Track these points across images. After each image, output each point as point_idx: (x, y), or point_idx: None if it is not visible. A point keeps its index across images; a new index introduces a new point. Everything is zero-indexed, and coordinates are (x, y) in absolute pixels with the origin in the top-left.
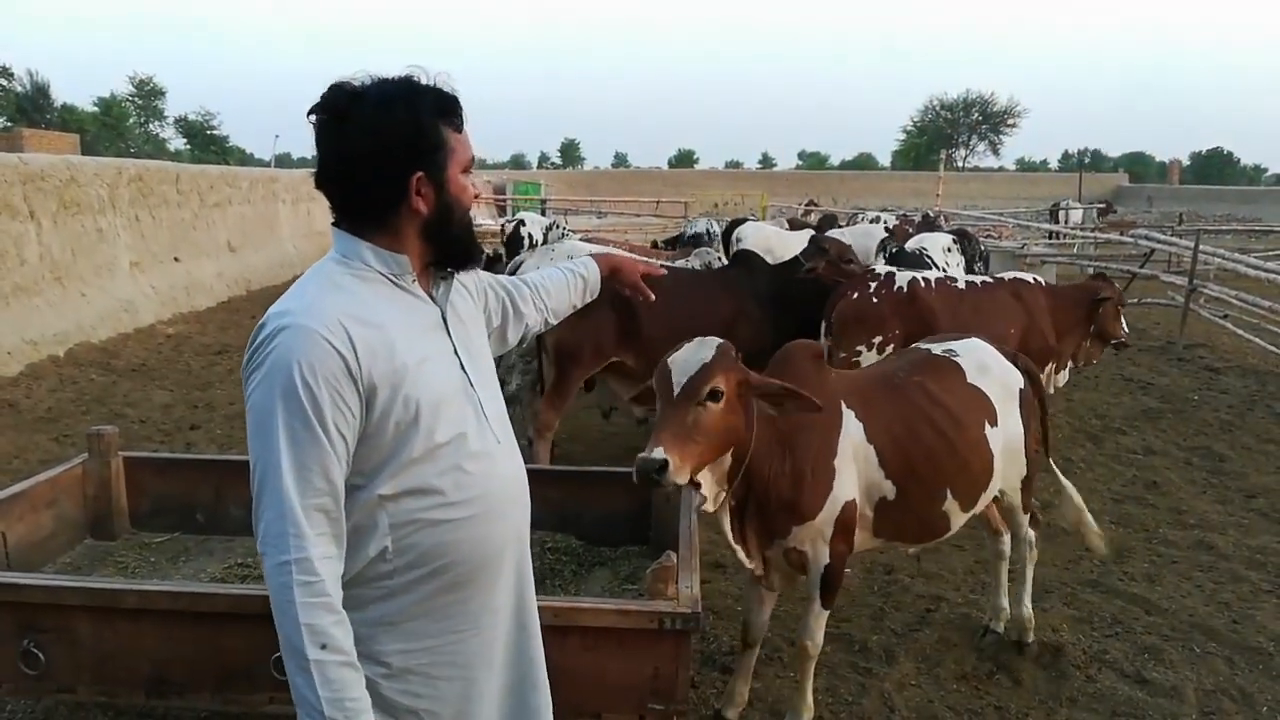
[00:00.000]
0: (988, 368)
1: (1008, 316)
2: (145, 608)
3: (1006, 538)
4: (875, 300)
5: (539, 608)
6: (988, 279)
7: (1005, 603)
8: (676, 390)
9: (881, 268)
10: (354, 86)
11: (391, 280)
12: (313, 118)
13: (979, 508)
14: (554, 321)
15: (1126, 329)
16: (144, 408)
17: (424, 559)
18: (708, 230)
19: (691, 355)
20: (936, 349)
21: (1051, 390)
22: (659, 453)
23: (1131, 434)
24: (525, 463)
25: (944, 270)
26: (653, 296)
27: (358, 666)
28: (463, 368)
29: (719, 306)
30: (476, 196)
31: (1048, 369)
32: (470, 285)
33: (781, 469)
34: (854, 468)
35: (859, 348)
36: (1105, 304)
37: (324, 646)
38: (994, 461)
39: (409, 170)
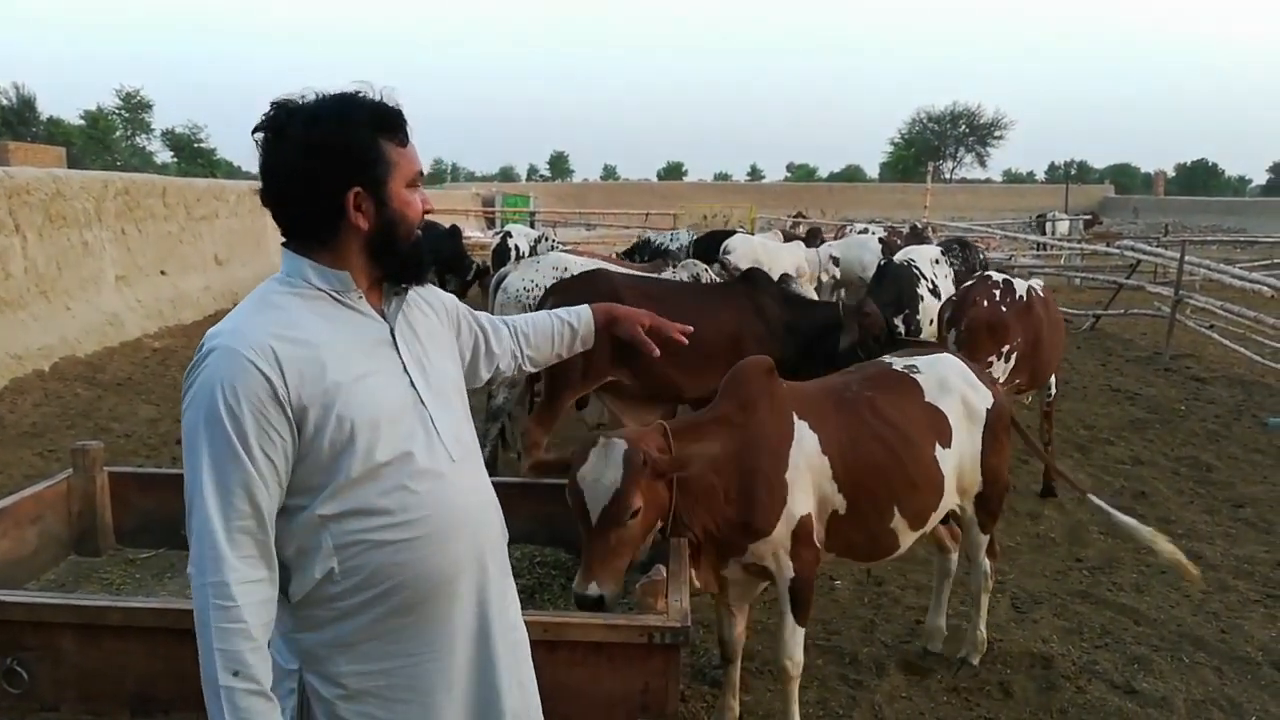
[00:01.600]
0: (950, 386)
1: (1059, 322)
2: (130, 624)
3: (954, 556)
4: (1004, 309)
5: (528, 622)
6: (1035, 288)
7: (942, 623)
8: (594, 518)
9: (997, 275)
10: (293, 104)
11: (334, 297)
12: (256, 136)
13: (928, 527)
14: (530, 368)
15: None
16: (130, 422)
17: (372, 580)
18: (691, 241)
19: (602, 476)
20: (899, 364)
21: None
22: (593, 588)
23: (1119, 444)
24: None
25: (932, 283)
26: (657, 351)
27: (270, 697)
28: (413, 385)
29: (722, 324)
30: (429, 211)
31: None
32: (434, 304)
33: (729, 492)
34: (809, 479)
35: (990, 358)
36: None
37: (236, 674)
38: (944, 481)
39: (343, 185)
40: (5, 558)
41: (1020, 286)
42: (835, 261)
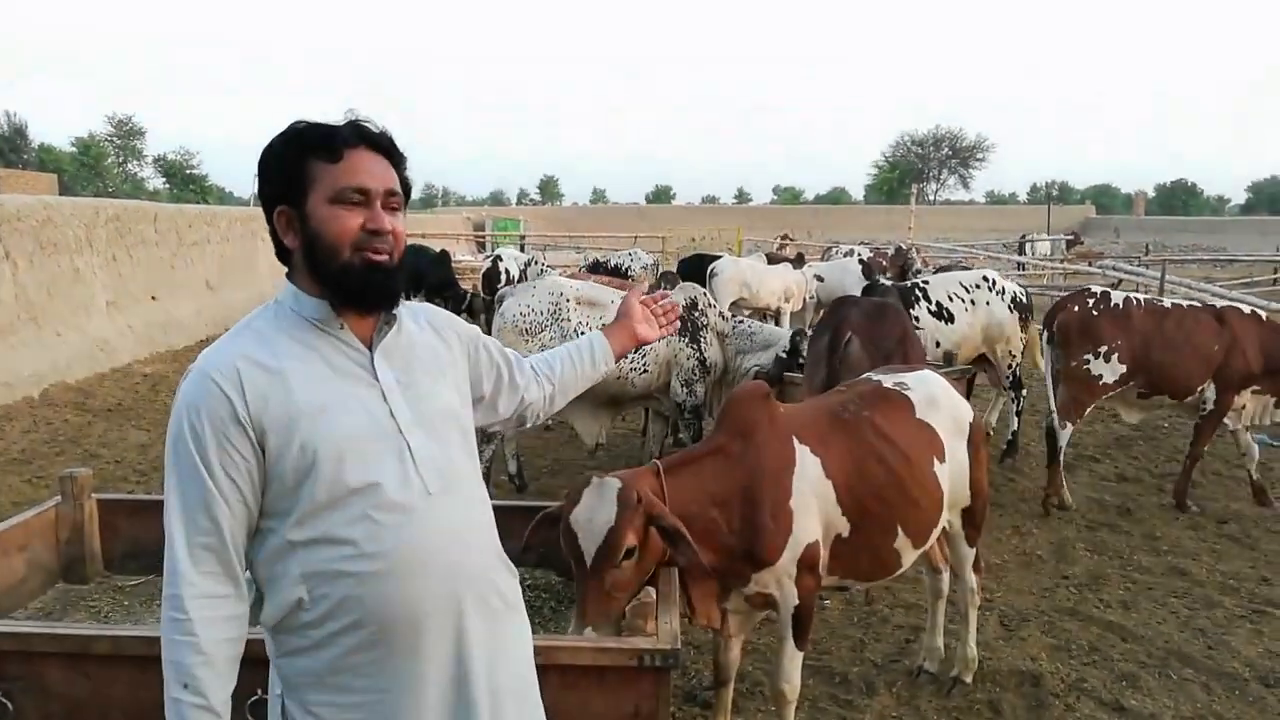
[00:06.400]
0: (937, 402)
1: (1211, 338)
2: (118, 653)
3: (945, 576)
4: (1095, 314)
5: None
6: (1194, 303)
7: (939, 643)
8: (589, 560)
9: (1096, 287)
10: None
11: (314, 324)
12: None
13: (929, 543)
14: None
15: None
16: (119, 448)
17: (338, 611)
18: (655, 263)
19: (595, 516)
20: (888, 381)
21: (1268, 420)
22: (588, 633)
23: (1105, 461)
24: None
25: (937, 304)
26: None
27: (217, 712)
28: (392, 414)
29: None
30: (392, 232)
31: (1265, 400)
32: (444, 331)
33: (731, 523)
34: (813, 505)
35: (1086, 356)
36: None
37: (185, 686)
38: (943, 498)
39: (272, 206)
40: None
41: (1117, 296)
42: (820, 280)
